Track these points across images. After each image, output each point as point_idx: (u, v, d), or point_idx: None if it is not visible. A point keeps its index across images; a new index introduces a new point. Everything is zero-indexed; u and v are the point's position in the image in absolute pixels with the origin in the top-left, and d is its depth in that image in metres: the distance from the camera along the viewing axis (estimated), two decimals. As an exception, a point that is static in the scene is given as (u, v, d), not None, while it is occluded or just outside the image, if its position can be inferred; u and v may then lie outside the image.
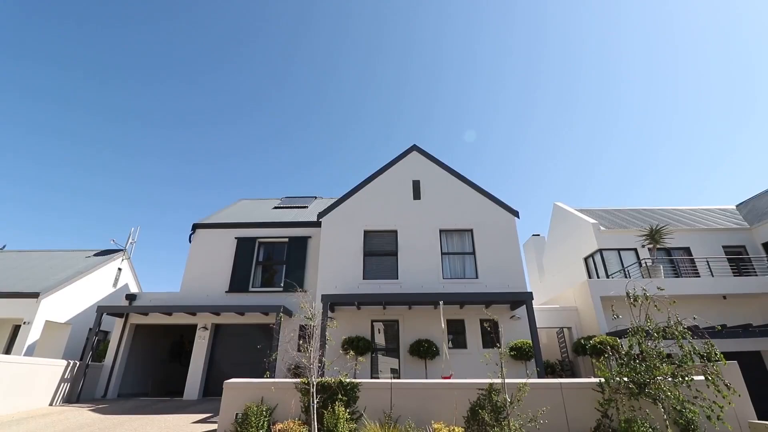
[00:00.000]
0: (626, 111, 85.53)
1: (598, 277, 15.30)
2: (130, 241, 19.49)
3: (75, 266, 16.52)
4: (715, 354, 5.93)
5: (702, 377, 6.04)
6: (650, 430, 5.76)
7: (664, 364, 6.04)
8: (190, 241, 15.03)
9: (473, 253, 12.92)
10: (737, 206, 19.44)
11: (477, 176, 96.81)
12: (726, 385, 5.74)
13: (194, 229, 15.16)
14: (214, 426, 7.49)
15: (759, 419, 6.37)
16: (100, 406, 10.65)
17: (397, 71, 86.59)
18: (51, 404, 10.47)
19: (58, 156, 62.95)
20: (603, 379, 6.42)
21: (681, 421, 5.99)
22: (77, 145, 64.04)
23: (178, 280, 14.99)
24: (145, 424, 8.30)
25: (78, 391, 11.35)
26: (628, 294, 6.66)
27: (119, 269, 18.38)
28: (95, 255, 18.24)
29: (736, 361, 6.86)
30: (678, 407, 5.81)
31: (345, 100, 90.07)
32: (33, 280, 15.05)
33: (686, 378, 5.91)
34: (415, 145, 14.79)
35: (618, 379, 6.30)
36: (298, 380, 6.81)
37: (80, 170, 65.36)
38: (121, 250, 18.79)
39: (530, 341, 10.69)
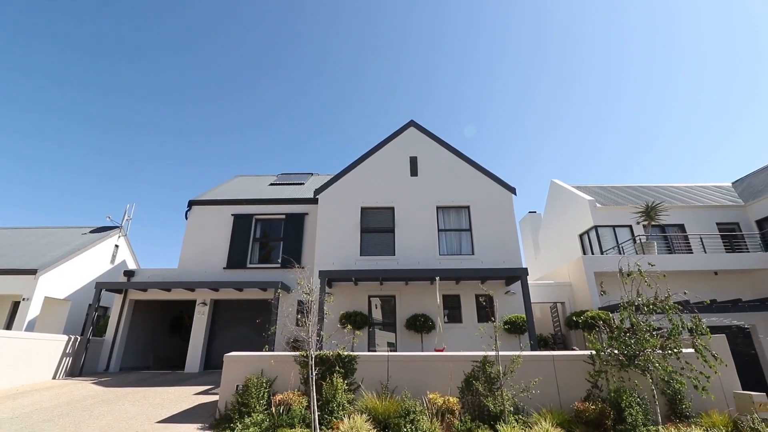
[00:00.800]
0: (627, 88, 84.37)
1: (593, 254, 15.47)
2: (125, 218, 19.41)
3: (71, 243, 16.48)
4: (702, 328, 6.11)
5: (690, 350, 6.24)
6: (638, 399, 5.98)
7: (653, 337, 6.22)
8: (186, 218, 14.97)
9: (470, 229, 12.97)
10: (733, 183, 19.50)
11: (475, 153, 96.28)
12: (714, 356, 5.93)
13: (190, 205, 15.08)
14: (216, 397, 7.70)
15: (743, 390, 6.60)
16: (103, 379, 10.87)
17: (396, 44, 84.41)
18: (54, 378, 10.68)
19: (49, 132, 61.69)
20: (594, 352, 6.60)
21: (668, 391, 6.22)
22: (67, 121, 62.66)
23: (176, 256, 15.02)
24: (148, 396, 8.51)
25: (80, 365, 11.56)
26: (620, 270, 6.78)
27: (116, 246, 18.37)
28: (91, 232, 18.17)
29: (724, 335, 7.06)
30: (666, 378, 6.01)
31: (342, 75, 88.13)
32: (30, 256, 15.03)
33: (675, 350, 6.11)
34: (412, 120, 14.58)
35: (609, 351, 6.49)
36: (297, 353, 6.95)
37: (71, 147, 64.32)
38: (117, 227, 18.71)
39: (524, 316, 10.90)
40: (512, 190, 13.41)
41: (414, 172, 13.75)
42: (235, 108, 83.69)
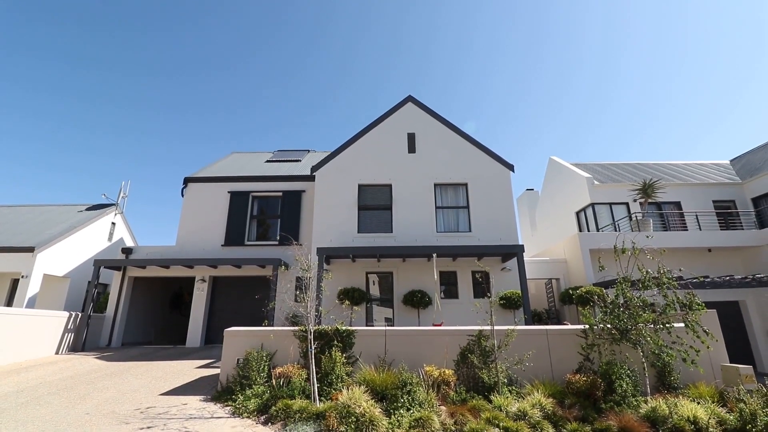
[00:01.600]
0: (630, 65, 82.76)
1: (589, 231, 15.57)
2: (121, 195, 19.27)
3: (68, 220, 16.41)
4: (697, 304, 6.24)
5: (681, 324, 6.39)
6: (628, 371, 6.16)
7: (646, 312, 6.36)
8: (182, 195, 14.88)
9: (467, 207, 12.99)
10: (731, 161, 19.44)
11: (473, 129, 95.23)
12: (705, 331, 6.08)
13: (186, 183, 14.96)
14: (217, 371, 7.87)
15: (731, 363, 6.79)
16: (105, 354, 11.07)
17: (394, 14, 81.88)
18: (57, 353, 10.85)
19: (40, 108, 60.37)
20: (587, 326, 6.74)
21: (658, 363, 6.41)
22: (58, 96, 61.26)
23: (173, 234, 15.03)
24: (150, 369, 8.69)
25: (82, 340, 11.73)
26: (615, 248, 6.87)
27: (113, 223, 18.32)
28: (87, 209, 18.07)
29: (715, 310, 7.21)
30: (656, 351, 6.18)
31: (338, 50, 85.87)
32: (27, 234, 14.99)
33: (666, 325, 6.25)
34: (410, 95, 14.32)
35: (602, 325, 6.63)
36: (296, 328, 7.07)
37: (64, 123, 63.11)
38: (113, 204, 18.61)
39: (519, 291, 11.07)
40: (510, 167, 13.34)
41: (412, 148, 13.62)
42: (229, 82, 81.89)
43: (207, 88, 79.21)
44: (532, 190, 23.30)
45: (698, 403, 5.44)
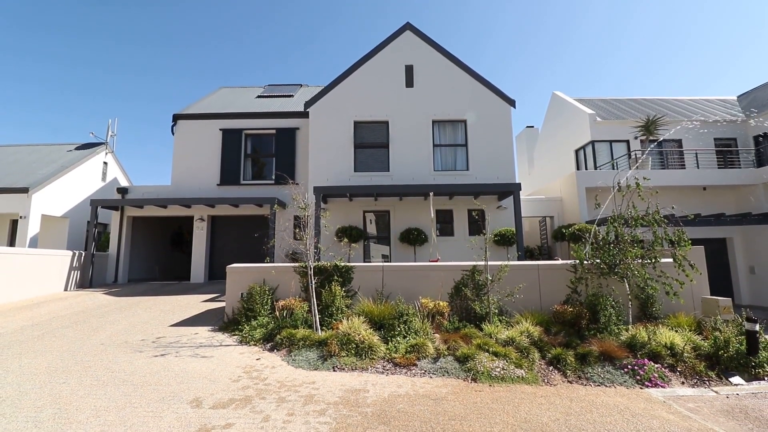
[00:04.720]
0: (645, -15, 76.24)
1: (587, 169, 15.50)
2: (110, 134, 18.70)
3: (58, 160, 16.08)
4: (684, 240, 6.43)
5: (669, 259, 6.63)
6: (613, 302, 6.51)
7: (635, 248, 6.57)
8: (173, 133, 14.45)
9: (465, 144, 12.75)
10: (738, 97, 18.82)
11: (478, 64, 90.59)
12: (691, 265, 6.33)
13: (175, 120, 14.43)
14: (222, 304, 8.24)
15: (712, 296, 7.15)
16: (113, 289, 11.48)
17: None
18: (66, 290, 11.25)
19: (17, 45, 56.15)
20: (577, 261, 6.98)
21: (642, 296, 6.75)
22: (37, 32, 56.68)
23: (167, 173, 14.82)
24: (158, 303, 9.08)
25: (89, 277, 12.11)
26: (619, 185, 6.91)
27: (105, 163, 17.99)
28: (76, 149, 17.63)
29: (702, 247, 7.44)
30: (642, 285, 6.48)
31: (329, -31, 78.09)
32: (18, 174, 14.76)
33: (653, 260, 6.50)
34: (408, 23, 13.34)
35: (591, 260, 6.88)
36: (297, 264, 7.30)
37: (43, 60, 59.16)
38: (102, 143, 18.12)
39: (514, 229, 11.30)
40: (511, 103, 12.88)
41: (410, 82, 13.01)
42: (216, 13, 75.72)
43: (191, 19, 73.44)
44: (532, 127, 22.75)
45: (676, 331, 5.82)
